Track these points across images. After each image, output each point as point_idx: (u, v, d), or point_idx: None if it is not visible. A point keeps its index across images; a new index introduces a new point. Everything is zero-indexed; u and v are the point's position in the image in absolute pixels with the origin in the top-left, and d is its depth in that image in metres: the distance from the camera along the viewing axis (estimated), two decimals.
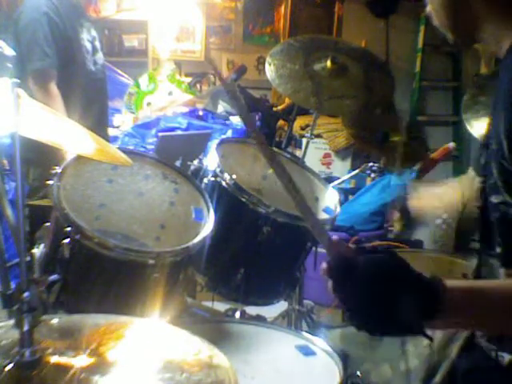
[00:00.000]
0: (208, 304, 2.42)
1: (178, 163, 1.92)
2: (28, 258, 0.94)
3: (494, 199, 1.03)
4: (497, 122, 1.01)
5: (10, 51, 1.08)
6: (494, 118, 1.06)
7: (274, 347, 1.49)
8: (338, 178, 3.62)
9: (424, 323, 0.90)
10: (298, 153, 3.76)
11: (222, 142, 1.96)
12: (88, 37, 2.85)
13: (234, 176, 1.77)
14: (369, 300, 0.89)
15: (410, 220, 1.77)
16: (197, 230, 1.63)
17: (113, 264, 1.47)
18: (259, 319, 2.07)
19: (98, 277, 1.51)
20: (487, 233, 1.10)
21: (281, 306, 2.27)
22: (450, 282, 0.92)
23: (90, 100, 2.80)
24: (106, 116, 3.15)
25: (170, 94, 4.33)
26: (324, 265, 0.93)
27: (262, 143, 0.99)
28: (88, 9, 3.57)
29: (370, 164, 3.64)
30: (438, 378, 1.30)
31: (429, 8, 1.11)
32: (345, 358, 1.36)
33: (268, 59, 2.32)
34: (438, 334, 1.39)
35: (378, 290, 0.89)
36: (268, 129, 4.38)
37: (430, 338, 0.93)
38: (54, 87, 2.64)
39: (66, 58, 2.71)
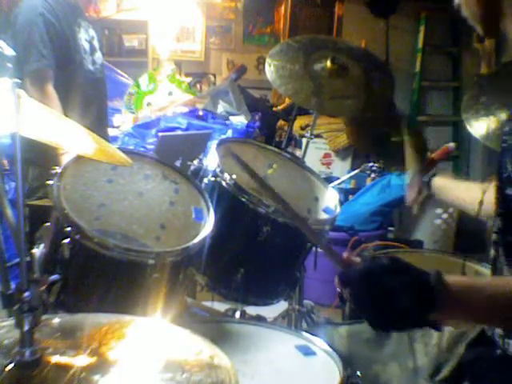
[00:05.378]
0: (208, 304, 2.42)
1: (177, 163, 1.92)
2: (28, 258, 0.94)
3: (509, 191, 1.10)
4: None
5: (10, 51, 1.08)
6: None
7: (273, 347, 1.49)
8: (338, 178, 3.61)
9: (426, 316, 0.95)
10: (298, 153, 3.76)
11: (222, 141, 1.96)
12: (86, 36, 2.84)
13: (234, 176, 1.77)
14: (375, 299, 0.96)
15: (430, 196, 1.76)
16: (197, 230, 1.63)
17: (113, 264, 1.47)
18: (259, 319, 2.07)
19: (97, 277, 1.51)
20: (505, 223, 1.15)
21: (281, 306, 2.27)
22: (452, 278, 0.97)
23: (89, 100, 2.79)
24: (106, 116, 3.14)
25: (170, 94, 4.32)
26: (336, 278, 1.03)
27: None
28: (88, 9, 3.55)
29: (370, 164, 3.63)
30: (445, 371, 1.30)
31: (457, 0, 1.15)
32: (348, 360, 1.36)
33: (267, 60, 2.31)
34: (447, 334, 1.40)
35: (381, 289, 0.96)
36: (268, 129, 4.39)
37: (439, 329, 0.99)
38: (50, 88, 2.63)
39: (63, 59, 2.71)
